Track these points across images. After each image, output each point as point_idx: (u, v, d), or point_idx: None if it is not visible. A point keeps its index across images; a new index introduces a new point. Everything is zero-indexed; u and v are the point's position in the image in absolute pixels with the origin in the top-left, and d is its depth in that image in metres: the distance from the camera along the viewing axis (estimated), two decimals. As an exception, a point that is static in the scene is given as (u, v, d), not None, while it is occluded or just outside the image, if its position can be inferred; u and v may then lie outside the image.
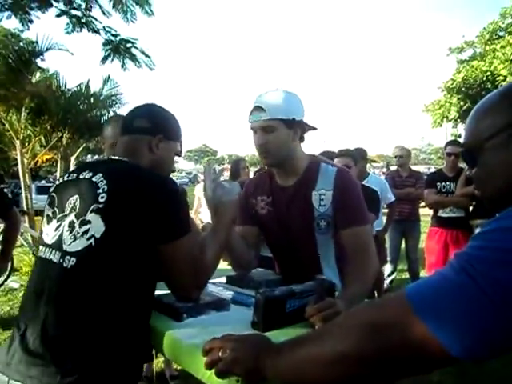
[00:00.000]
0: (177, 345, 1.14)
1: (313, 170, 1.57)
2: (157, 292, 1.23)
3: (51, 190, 1.27)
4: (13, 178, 16.98)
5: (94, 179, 1.13)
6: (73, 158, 7.75)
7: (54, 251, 1.11)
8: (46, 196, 1.27)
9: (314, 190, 1.53)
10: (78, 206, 1.12)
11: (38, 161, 7.58)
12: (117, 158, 1.24)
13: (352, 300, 1.21)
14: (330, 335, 0.69)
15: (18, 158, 6.58)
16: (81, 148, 8.03)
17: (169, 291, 1.24)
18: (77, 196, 1.14)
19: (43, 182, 21.17)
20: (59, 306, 1.05)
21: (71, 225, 1.10)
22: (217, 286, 1.57)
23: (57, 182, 1.27)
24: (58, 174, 8.00)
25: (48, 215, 1.19)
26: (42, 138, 7.12)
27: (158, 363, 2.94)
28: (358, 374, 0.64)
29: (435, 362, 0.58)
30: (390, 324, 0.60)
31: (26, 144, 6.73)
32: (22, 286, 5.27)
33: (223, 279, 1.67)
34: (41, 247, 1.17)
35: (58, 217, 1.16)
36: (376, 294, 3.61)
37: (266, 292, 1.18)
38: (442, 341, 0.55)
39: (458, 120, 15.63)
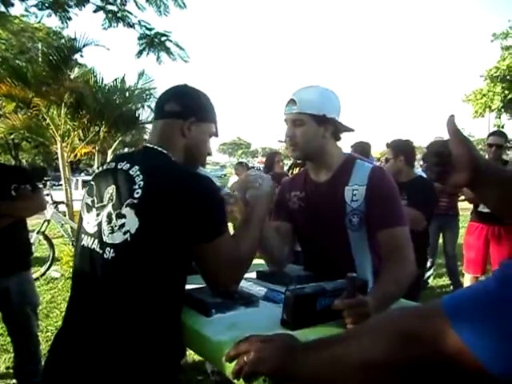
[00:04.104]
0: (205, 341, 1.13)
1: (347, 166, 1.53)
2: (187, 286, 1.23)
3: (90, 178, 1.27)
4: (56, 171, 17.68)
5: (131, 172, 1.13)
6: (110, 152, 7.95)
7: (95, 240, 1.12)
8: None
9: (347, 186, 1.49)
10: (114, 198, 1.13)
11: (76, 154, 7.80)
12: (152, 146, 1.22)
13: (382, 300, 1.16)
14: (359, 339, 0.66)
15: (59, 151, 6.81)
16: (117, 141, 8.21)
17: (199, 285, 1.23)
18: (113, 187, 1.14)
19: (82, 174, 21.96)
20: (103, 294, 1.07)
21: (109, 216, 1.11)
22: (247, 281, 1.55)
23: (96, 171, 1.28)
24: (95, 167, 8.24)
25: (87, 203, 1.20)
26: (81, 132, 7.32)
27: (190, 355, 2.95)
28: (384, 382, 0.61)
29: (471, 380, 0.54)
30: (423, 334, 0.56)
31: (66, 138, 6.95)
32: (62, 275, 5.48)
33: (253, 274, 1.65)
34: (82, 235, 1.18)
35: (96, 206, 1.17)
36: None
37: (296, 289, 1.16)
38: (479, 357, 0.50)
39: (502, 110, 14.96)
